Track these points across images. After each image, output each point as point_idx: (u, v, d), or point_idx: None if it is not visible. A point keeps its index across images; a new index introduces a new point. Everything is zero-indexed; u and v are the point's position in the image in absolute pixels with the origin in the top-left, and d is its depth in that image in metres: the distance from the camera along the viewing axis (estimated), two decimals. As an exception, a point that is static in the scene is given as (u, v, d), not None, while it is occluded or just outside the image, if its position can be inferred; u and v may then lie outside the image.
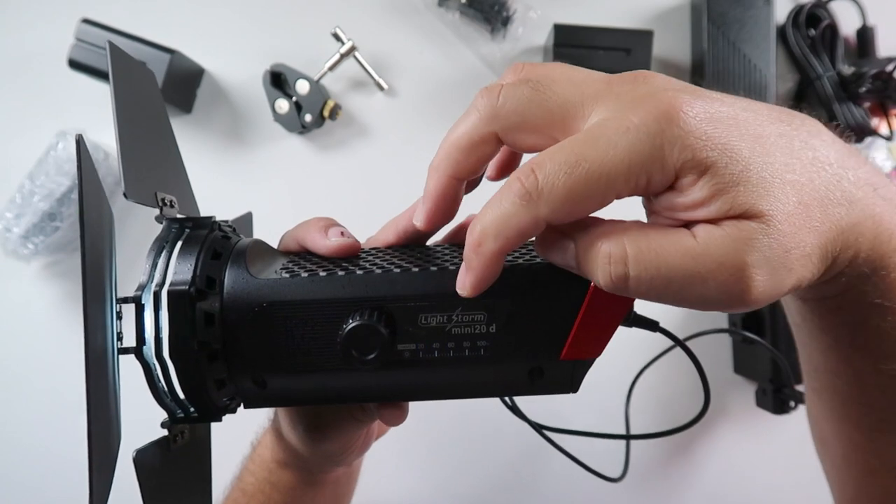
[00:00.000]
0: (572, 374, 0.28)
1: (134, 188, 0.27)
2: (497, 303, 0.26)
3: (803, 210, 0.21)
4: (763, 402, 0.66)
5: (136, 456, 0.25)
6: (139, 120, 0.30)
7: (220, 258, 0.28)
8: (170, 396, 0.28)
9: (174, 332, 0.26)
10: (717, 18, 0.63)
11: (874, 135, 0.65)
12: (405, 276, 0.27)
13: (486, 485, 0.68)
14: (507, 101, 0.23)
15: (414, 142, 0.68)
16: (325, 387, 0.29)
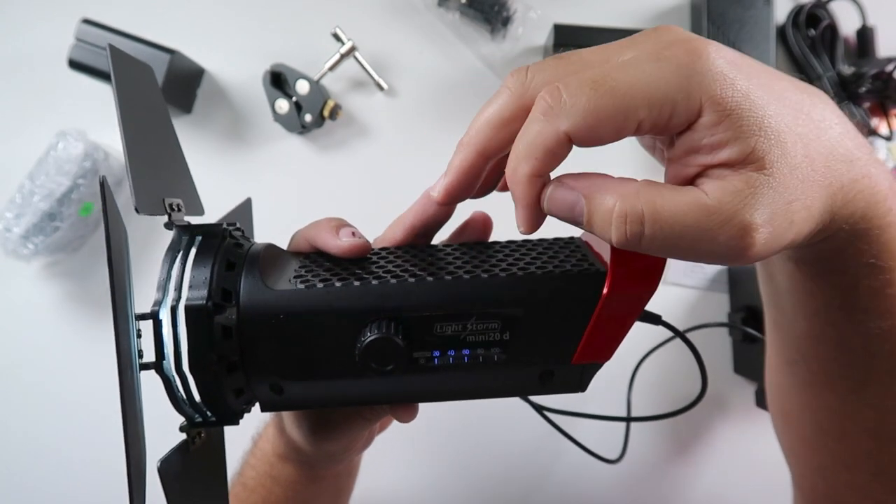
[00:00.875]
0: (581, 375, 0.29)
1: (144, 202, 0.27)
2: (511, 312, 0.27)
3: (809, 163, 0.21)
4: (763, 401, 0.66)
5: (160, 466, 0.25)
6: (143, 123, 0.30)
7: (233, 268, 0.28)
8: (189, 404, 0.28)
9: (193, 347, 0.26)
10: (717, 18, 0.63)
11: (874, 135, 0.65)
12: (420, 285, 0.27)
13: (488, 474, 0.68)
14: (535, 75, 0.24)
15: (414, 142, 0.68)
16: (342, 392, 0.29)
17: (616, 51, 0.23)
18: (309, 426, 0.36)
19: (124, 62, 0.29)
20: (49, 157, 0.62)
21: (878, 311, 0.27)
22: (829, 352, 0.31)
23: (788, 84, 0.23)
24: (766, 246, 0.21)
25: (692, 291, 0.68)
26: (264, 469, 0.43)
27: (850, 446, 0.33)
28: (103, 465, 0.67)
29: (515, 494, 0.68)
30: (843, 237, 0.25)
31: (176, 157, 0.33)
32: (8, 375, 0.68)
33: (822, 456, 0.36)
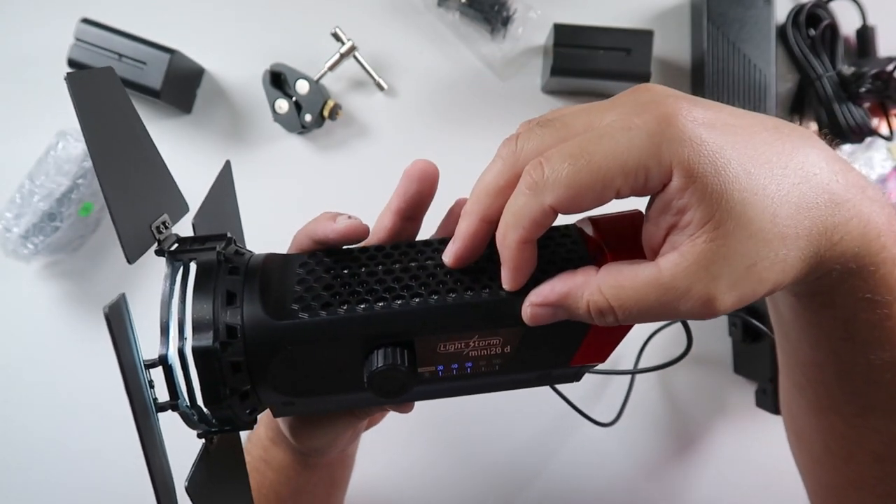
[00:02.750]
0: (578, 372, 0.31)
1: (133, 249, 0.27)
2: (511, 329, 0.28)
3: (779, 221, 0.22)
4: (763, 402, 0.66)
5: (187, 486, 0.26)
6: (116, 144, 0.29)
7: (234, 300, 0.28)
8: (205, 423, 0.29)
9: (206, 387, 0.27)
10: (717, 18, 0.63)
11: (874, 135, 0.65)
12: (424, 308, 0.27)
13: (489, 463, 0.68)
14: (524, 144, 0.26)
15: (414, 142, 0.68)
16: (349, 401, 0.31)
17: (598, 114, 0.24)
18: (290, 422, 0.37)
19: (84, 83, 0.29)
20: (49, 157, 0.62)
21: (878, 342, 0.28)
22: (833, 379, 0.32)
23: (770, 134, 0.23)
24: (735, 305, 0.22)
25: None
26: (258, 453, 0.43)
27: (858, 469, 0.34)
28: (103, 465, 0.67)
29: (516, 483, 0.68)
30: (837, 275, 0.26)
31: (152, 163, 0.32)
32: (8, 375, 0.68)
33: (832, 476, 0.37)
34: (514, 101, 0.68)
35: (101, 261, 0.67)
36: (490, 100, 0.68)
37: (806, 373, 0.34)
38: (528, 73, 0.68)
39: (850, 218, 0.24)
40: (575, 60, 0.62)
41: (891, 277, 0.26)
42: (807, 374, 0.34)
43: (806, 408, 0.36)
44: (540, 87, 0.68)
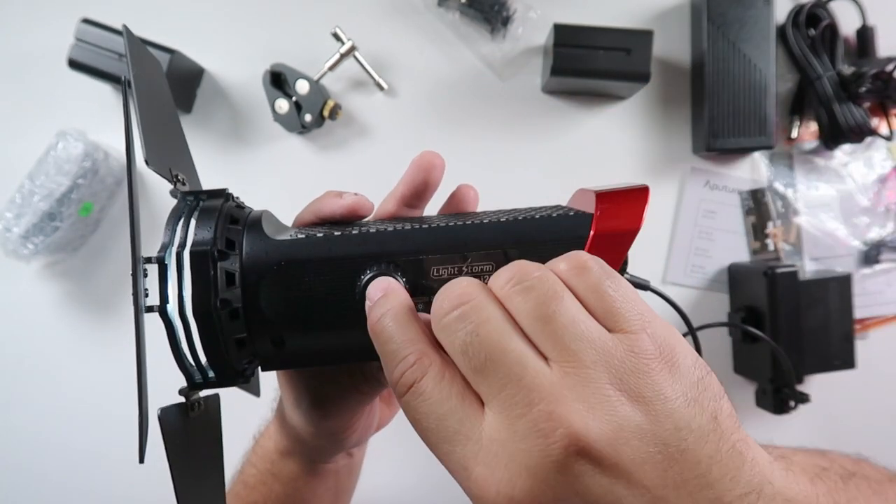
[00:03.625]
0: None
1: (154, 156, 0.28)
2: (504, 252, 0.28)
3: None
4: (763, 402, 0.66)
5: (160, 414, 0.26)
6: (153, 102, 0.31)
7: (237, 223, 0.29)
8: (190, 359, 0.28)
9: (197, 291, 0.27)
10: (717, 18, 0.63)
11: (874, 135, 0.65)
12: (416, 232, 0.28)
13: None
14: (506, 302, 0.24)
15: (414, 142, 0.68)
16: (341, 344, 0.30)
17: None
18: (308, 403, 0.36)
19: (138, 47, 0.31)
20: (49, 157, 0.62)
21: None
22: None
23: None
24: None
25: (692, 291, 0.68)
26: (265, 467, 0.43)
27: None
28: (104, 464, 0.67)
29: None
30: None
31: (181, 144, 0.34)
32: (8, 375, 0.68)
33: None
34: (514, 101, 0.68)
35: (101, 261, 0.67)
36: (490, 100, 0.68)
37: None
38: (528, 73, 0.68)
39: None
40: (575, 60, 0.62)
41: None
42: None
43: None
44: (540, 87, 0.68)
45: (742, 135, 0.64)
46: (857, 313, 0.65)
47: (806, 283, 0.63)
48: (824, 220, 0.68)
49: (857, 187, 0.68)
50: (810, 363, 0.63)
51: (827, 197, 0.68)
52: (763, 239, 0.68)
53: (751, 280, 0.65)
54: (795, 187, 0.68)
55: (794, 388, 0.62)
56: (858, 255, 0.68)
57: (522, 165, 0.68)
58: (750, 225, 0.68)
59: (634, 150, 0.68)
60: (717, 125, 0.63)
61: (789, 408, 0.63)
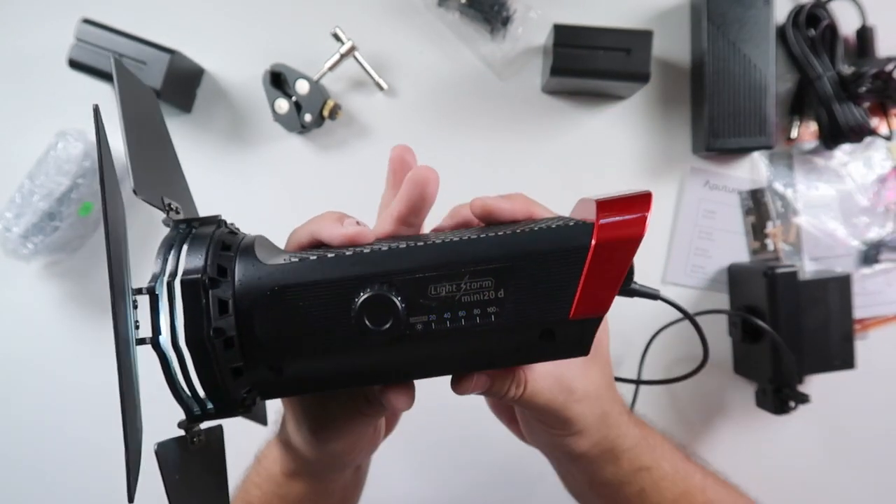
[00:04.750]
0: (582, 334, 0.29)
1: (142, 185, 0.27)
2: (503, 268, 0.27)
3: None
4: (763, 402, 0.66)
5: (157, 449, 0.26)
6: (143, 130, 0.30)
7: (229, 250, 0.28)
8: (187, 391, 0.28)
9: (189, 320, 0.26)
10: (716, 18, 0.63)
11: (874, 135, 0.65)
12: (411, 250, 0.27)
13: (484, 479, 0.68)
14: None
15: (414, 142, 0.67)
16: (341, 368, 0.29)
17: None
18: (309, 427, 0.36)
19: (128, 77, 0.31)
20: (49, 157, 0.62)
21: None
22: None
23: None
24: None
25: (692, 291, 0.68)
26: (271, 489, 0.43)
27: None
28: (104, 463, 0.67)
29: (518, 487, 0.68)
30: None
31: (177, 173, 0.34)
32: (8, 375, 0.68)
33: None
34: (514, 101, 0.68)
35: (101, 261, 0.67)
36: (490, 100, 0.68)
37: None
38: (528, 73, 0.68)
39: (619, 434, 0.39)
40: (575, 60, 0.62)
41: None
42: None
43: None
44: (540, 87, 0.68)
45: (742, 135, 0.64)
46: (856, 313, 0.65)
47: (806, 284, 0.63)
48: (824, 220, 0.68)
49: (857, 187, 0.68)
50: (810, 363, 0.63)
51: (826, 197, 0.68)
52: (763, 239, 0.68)
53: (751, 280, 0.65)
54: (795, 187, 0.68)
55: (795, 387, 0.62)
56: (858, 255, 0.68)
57: (522, 165, 0.68)
58: (750, 225, 0.68)
59: (634, 150, 0.68)
60: (716, 125, 0.63)
61: (789, 408, 0.63)
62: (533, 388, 0.33)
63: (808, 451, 0.69)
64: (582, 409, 0.36)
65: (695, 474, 0.43)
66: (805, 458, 0.69)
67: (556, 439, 0.38)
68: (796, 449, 0.69)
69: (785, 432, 0.68)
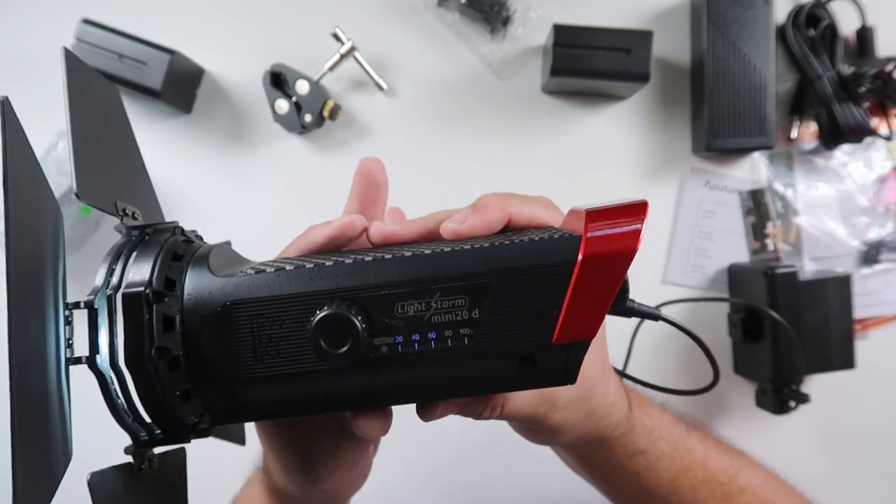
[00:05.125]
0: (567, 360, 0.26)
1: (87, 188, 0.25)
2: (478, 285, 0.24)
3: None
4: (763, 402, 0.66)
5: (90, 479, 0.23)
6: (97, 128, 0.28)
7: (180, 260, 0.26)
8: (131, 415, 0.25)
9: (129, 338, 0.24)
10: (716, 18, 0.63)
11: (874, 135, 0.65)
12: (377, 263, 0.25)
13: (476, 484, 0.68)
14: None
15: (414, 142, 0.68)
16: (299, 394, 0.26)
17: None
18: (298, 471, 0.34)
19: (80, 69, 0.28)
20: (49, 158, 0.62)
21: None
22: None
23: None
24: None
25: (692, 291, 0.68)
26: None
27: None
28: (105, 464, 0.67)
29: (514, 490, 0.68)
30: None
31: (137, 173, 0.31)
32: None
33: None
34: (514, 101, 0.68)
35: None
36: (490, 100, 0.68)
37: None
38: (528, 73, 0.68)
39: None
40: (575, 60, 0.62)
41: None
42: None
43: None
44: (540, 87, 0.68)
45: (742, 135, 0.64)
46: (856, 313, 0.65)
47: (806, 284, 0.63)
48: (824, 220, 0.68)
49: (857, 187, 0.68)
50: (810, 363, 0.63)
51: (826, 197, 0.68)
52: (763, 239, 0.68)
53: (751, 280, 0.65)
54: (795, 187, 0.68)
55: (799, 383, 0.62)
56: (858, 255, 0.68)
57: (522, 165, 0.68)
58: (750, 225, 0.68)
59: (634, 150, 0.68)
60: (716, 125, 0.63)
61: (789, 408, 0.63)
62: (511, 406, 0.31)
63: (808, 450, 0.69)
64: (566, 416, 0.34)
65: (695, 449, 0.42)
66: (805, 457, 0.69)
67: (536, 438, 0.37)
68: (796, 449, 0.69)
69: (785, 432, 0.68)
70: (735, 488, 0.43)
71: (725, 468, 0.43)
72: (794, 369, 0.61)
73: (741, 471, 0.44)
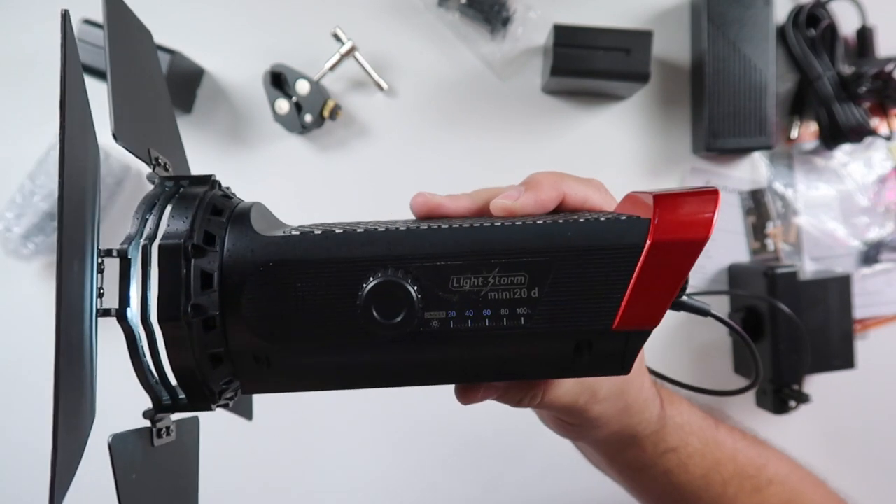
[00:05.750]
0: (625, 349, 0.25)
1: (125, 131, 0.23)
2: (540, 262, 0.23)
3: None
4: (763, 402, 0.66)
5: (112, 441, 0.22)
6: (134, 73, 0.26)
7: (220, 215, 0.25)
8: (156, 376, 0.24)
9: (164, 292, 0.22)
10: (716, 18, 0.63)
11: (874, 135, 0.65)
12: (434, 232, 0.24)
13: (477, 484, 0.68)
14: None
15: (414, 142, 0.68)
16: (339, 364, 0.25)
17: None
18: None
19: (122, 11, 0.27)
20: (49, 157, 0.62)
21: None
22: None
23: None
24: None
25: (692, 291, 0.68)
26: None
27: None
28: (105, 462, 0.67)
29: (521, 483, 0.68)
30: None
31: (168, 124, 0.29)
32: (8, 375, 0.68)
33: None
34: (514, 101, 0.68)
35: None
36: (490, 100, 0.68)
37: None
38: (528, 73, 0.68)
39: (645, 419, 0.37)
40: (575, 60, 0.62)
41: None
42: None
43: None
44: (540, 87, 0.68)
45: (742, 135, 0.64)
46: (856, 313, 0.65)
47: (806, 284, 0.63)
48: (824, 220, 0.68)
49: (857, 187, 0.68)
50: (810, 363, 0.63)
51: (827, 197, 0.68)
52: (763, 239, 0.68)
53: (751, 280, 0.65)
54: (795, 187, 0.68)
55: (798, 386, 0.62)
56: (858, 255, 0.68)
57: (522, 165, 0.67)
58: (750, 225, 0.68)
59: (634, 150, 0.68)
60: (716, 125, 0.63)
61: (789, 408, 0.63)
62: (552, 395, 0.30)
63: (808, 450, 0.69)
64: (604, 409, 0.33)
65: (725, 442, 0.42)
66: (805, 457, 0.69)
67: (569, 432, 0.37)
68: (796, 449, 0.68)
69: (785, 432, 0.68)
70: (764, 480, 0.43)
71: (753, 460, 0.43)
72: (794, 369, 0.61)
73: (769, 462, 0.44)
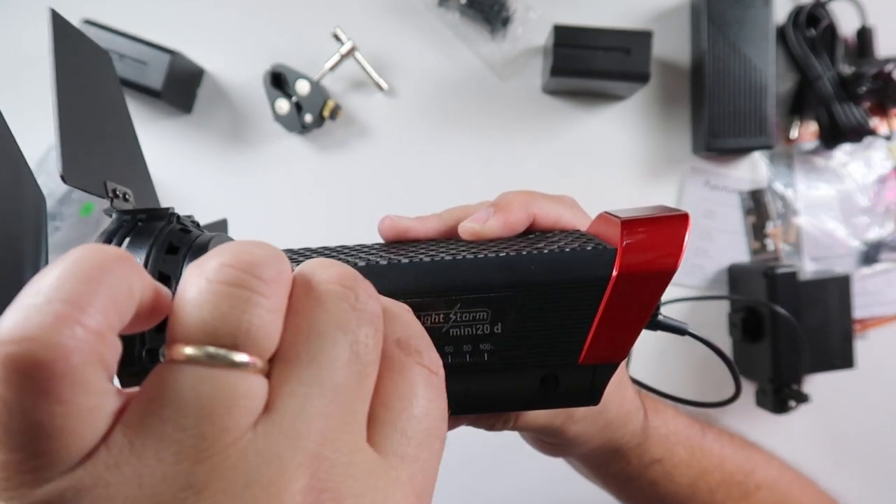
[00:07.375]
0: (592, 381, 0.25)
1: (74, 170, 0.22)
2: (502, 298, 0.22)
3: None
4: (763, 402, 0.66)
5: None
6: (88, 101, 0.26)
7: (176, 253, 0.24)
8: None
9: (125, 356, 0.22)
10: (716, 18, 0.63)
11: (874, 135, 0.65)
12: (392, 268, 0.23)
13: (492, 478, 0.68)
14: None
15: (414, 142, 0.68)
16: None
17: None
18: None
19: (70, 34, 0.25)
20: (49, 157, 0.62)
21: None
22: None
23: None
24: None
25: (692, 291, 0.68)
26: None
27: None
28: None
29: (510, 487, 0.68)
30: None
31: (131, 151, 0.29)
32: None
33: None
34: (514, 101, 0.68)
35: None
36: (490, 100, 0.68)
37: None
38: (528, 73, 0.68)
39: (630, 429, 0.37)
40: (575, 60, 0.62)
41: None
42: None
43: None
44: (540, 87, 0.68)
45: (741, 135, 0.64)
46: (856, 313, 0.65)
47: (805, 284, 0.63)
48: (824, 220, 0.68)
49: (857, 187, 0.68)
50: (810, 363, 0.63)
51: (826, 197, 0.68)
52: (763, 239, 0.68)
53: (751, 280, 0.65)
54: (795, 187, 0.68)
55: (798, 386, 0.62)
56: (858, 255, 0.68)
57: (522, 165, 0.68)
58: (750, 225, 0.68)
59: (634, 150, 0.68)
60: (716, 125, 0.64)
61: (789, 408, 0.63)
62: (525, 419, 0.30)
63: (808, 450, 0.69)
64: (582, 428, 0.33)
65: (711, 450, 0.42)
66: (805, 457, 0.68)
67: (550, 450, 0.37)
68: (796, 449, 0.69)
69: (785, 432, 0.68)
70: (752, 485, 0.42)
71: (741, 466, 0.42)
72: (794, 369, 0.61)
73: (757, 467, 0.43)
